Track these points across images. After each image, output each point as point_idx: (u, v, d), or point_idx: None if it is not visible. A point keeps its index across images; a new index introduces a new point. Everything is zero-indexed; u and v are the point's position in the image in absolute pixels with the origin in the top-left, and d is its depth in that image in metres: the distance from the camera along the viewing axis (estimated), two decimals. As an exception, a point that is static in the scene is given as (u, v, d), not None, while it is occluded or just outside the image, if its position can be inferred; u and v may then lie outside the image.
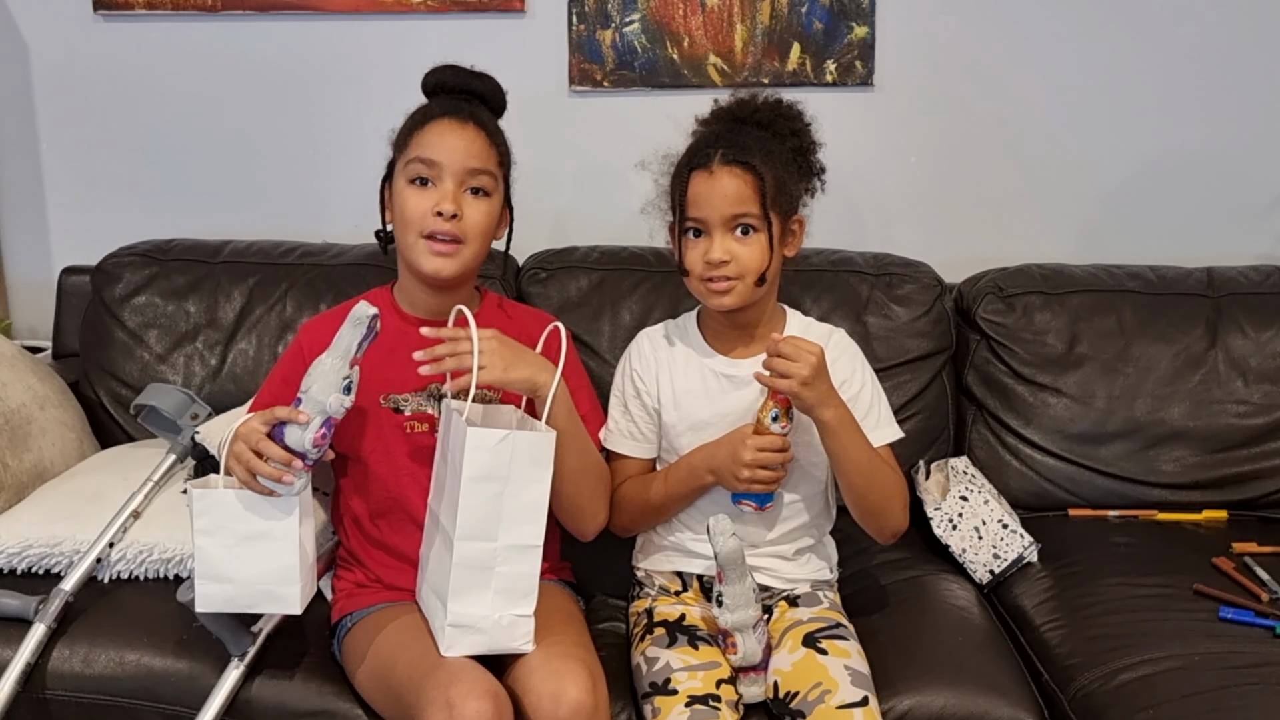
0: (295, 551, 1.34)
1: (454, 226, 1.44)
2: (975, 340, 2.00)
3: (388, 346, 1.48)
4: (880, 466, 1.47)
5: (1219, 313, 1.96)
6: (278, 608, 1.38)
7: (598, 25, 2.16)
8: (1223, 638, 1.51)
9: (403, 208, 1.46)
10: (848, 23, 2.14)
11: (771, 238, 1.44)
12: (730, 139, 1.45)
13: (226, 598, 1.36)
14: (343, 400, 1.31)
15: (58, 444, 1.85)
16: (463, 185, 1.45)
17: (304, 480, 1.34)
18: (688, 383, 1.54)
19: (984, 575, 1.74)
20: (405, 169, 1.47)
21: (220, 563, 1.35)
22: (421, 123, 1.48)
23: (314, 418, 1.30)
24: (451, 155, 1.45)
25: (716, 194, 1.43)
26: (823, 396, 1.39)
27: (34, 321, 2.35)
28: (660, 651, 1.45)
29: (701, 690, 1.38)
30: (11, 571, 1.63)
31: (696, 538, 1.53)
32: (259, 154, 2.27)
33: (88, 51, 2.24)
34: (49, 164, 2.31)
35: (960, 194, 2.22)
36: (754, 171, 1.43)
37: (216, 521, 1.34)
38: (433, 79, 1.54)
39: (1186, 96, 2.16)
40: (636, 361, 1.58)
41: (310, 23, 2.20)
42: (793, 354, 1.37)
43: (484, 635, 1.33)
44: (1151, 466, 1.91)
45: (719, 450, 1.47)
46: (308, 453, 1.31)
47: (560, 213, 2.24)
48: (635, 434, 1.56)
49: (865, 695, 1.36)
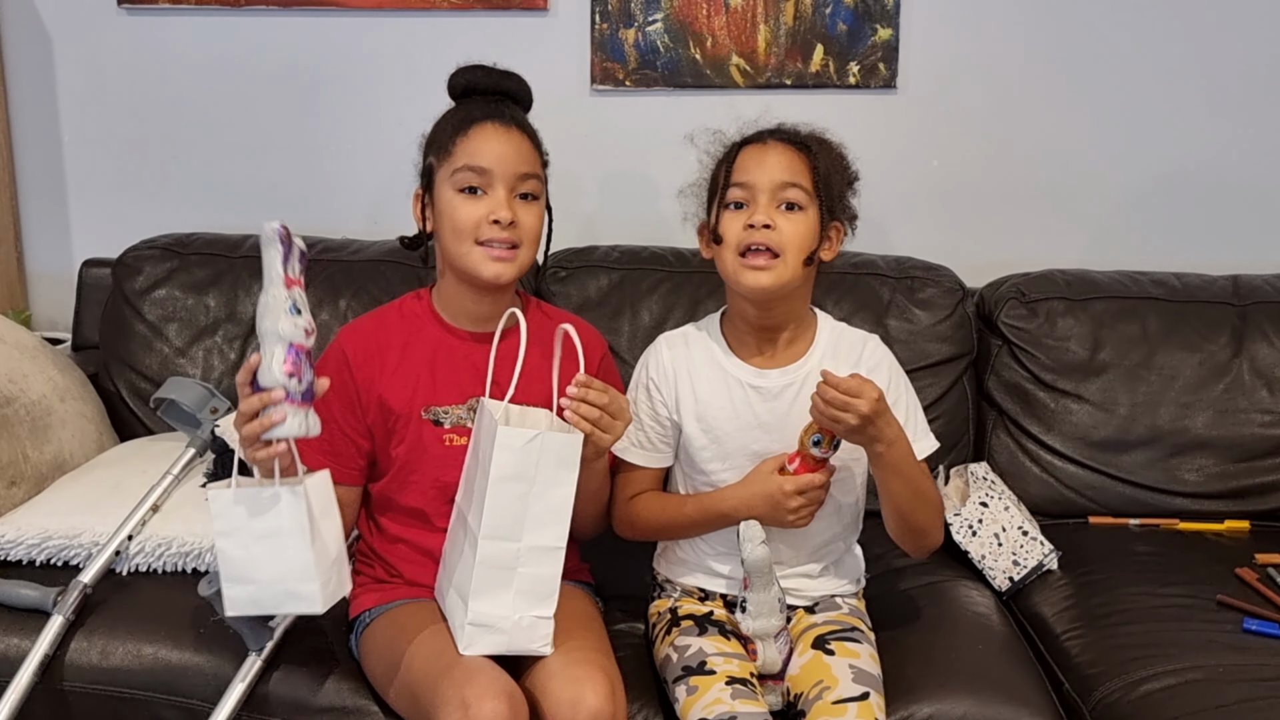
0: (307, 546, 1.30)
1: (511, 233, 1.43)
2: (997, 345, 1.99)
3: (428, 359, 1.48)
4: (927, 488, 1.42)
5: (1244, 321, 1.95)
6: (301, 607, 1.34)
7: (620, 24, 2.16)
8: (1247, 650, 1.49)
9: (454, 217, 1.43)
10: (872, 24, 2.13)
11: (823, 219, 1.41)
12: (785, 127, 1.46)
13: (251, 599, 1.34)
14: (295, 321, 1.24)
15: (77, 436, 1.86)
16: (514, 191, 1.44)
17: (301, 418, 1.25)
18: (710, 394, 1.49)
19: (1004, 582, 1.73)
20: (453, 178, 1.43)
21: (240, 564, 1.32)
22: (463, 128, 1.44)
23: (274, 349, 1.24)
24: (502, 162, 1.43)
25: (769, 160, 1.41)
26: (879, 433, 1.34)
27: (54, 313, 2.36)
28: (692, 639, 1.43)
29: (739, 674, 1.37)
30: (31, 563, 1.63)
31: (720, 554, 1.50)
32: (280, 149, 2.28)
33: (111, 45, 2.25)
34: (71, 157, 2.32)
35: (983, 198, 2.21)
36: (808, 151, 1.42)
37: (232, 523, 1.32)
38: (463, 80, 1.51)
39: (1213, 101, 2.15)
40: (654, 371, 1.53)
41: (333, 19, 2.20)
42: (854, 390, 1.30)
43: (503, 635, 1.32)
44: (1174, 475, 1.90)
45: (754, 498, 1.42)
46: (286, 385, 1.23)
47: (580, 212, 2.23)
48: (646, 444, 1.53)
49: (866, 691, 1.33)
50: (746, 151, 1.44)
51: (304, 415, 1.26)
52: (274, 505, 1.31)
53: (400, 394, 1.47)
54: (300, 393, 1.26)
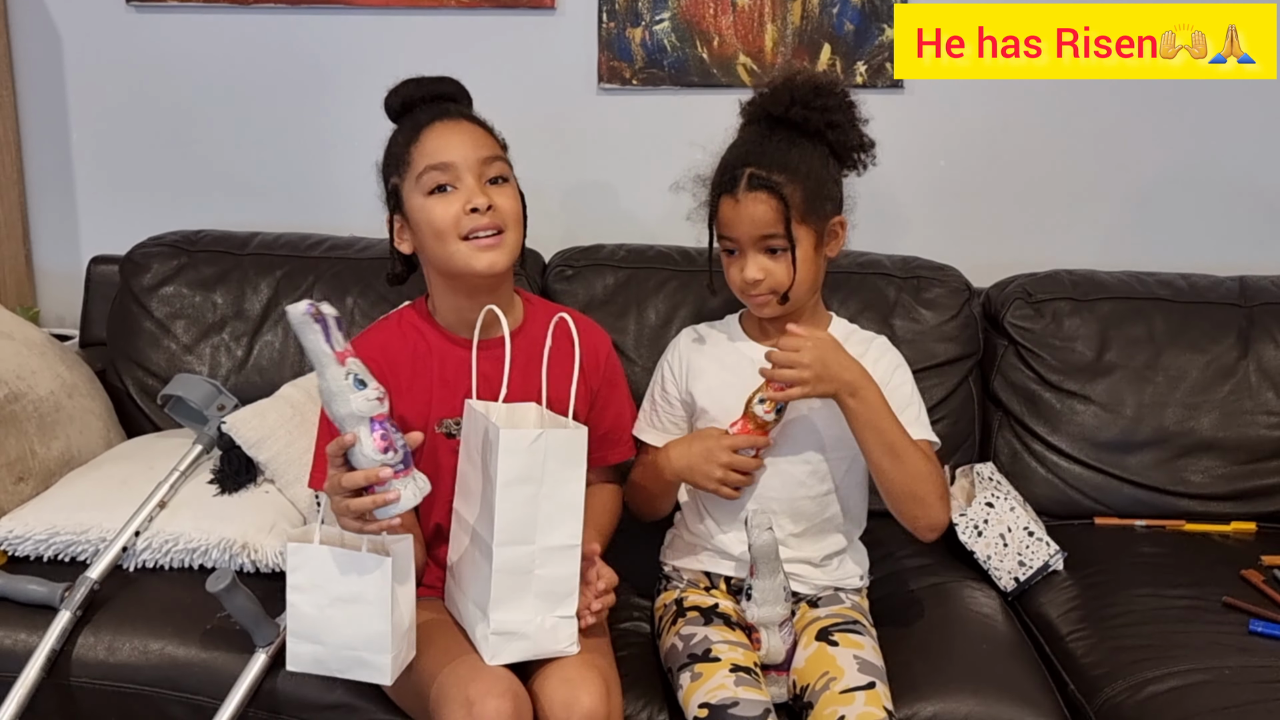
0: (388, 616, 1.25)
1: (491, 218, 1.41)
2: (1003, 345, 1.99)
3: (436, 371, 1.47)
4: (910, 448, 1.42)
5: (1251, 322, 1.94)
6: (367, 676, 1.30)
7: (628, 23, 2.16)
8: (1253, 652, 1.49)
9: (430, 220, 1.41)
10: (879, 24, 2.13)
11: (794, 256, 1.43)
12: (759, 153, 1.44)
13: (315, 659, 1.31)
14: (365, 395, 1.22)
15: (85, 432, 1.86)
16: (483, 177, 1.42)
17: (413, 487, 1.24)
18: (725, 373, 1.53)
19: (1009, 583, 1.73)
20: (419, 184, 1.41)
21: (312, 622, 1.29)
22: (414, 136, 1.43)
23: (357, 430, 1.22)
24: (462, 151, 1.41)
25: (743, 219, 1.44)
26: (831, 385, 1.39)
27: (62, 310, 2.36)
28: (698, 629, 1.45)
29: (744, 662, 1.38)
30: (38, 559, 1.63)
31: (725, 534, 1.52)
32: (288, 146, 2.28)
33: (119, 42, 2.25)
34: (79, 153, 2.32)
35: (989, 198, 2.21)
36: (778, 195, 1.42)
37: (310, 579, 1.28)
38: (398, 98, 1.48)
39: (1220, 101, 2.14)
40: (671, 353, 1.60)
41: (341, 16, 2.20)
42: (788, 349, 1.38)
43: (528, 641, 1.31)
44: (1180, 476, 1.90)
45: (690, 452, 1.46)
46: (385, 460, 1.22)
47: (587, 210, 2.24)
48: (657, 423, 1.58)
49: (872, 680, 1.35)
50: (725, 204, 1.46)
51: (413, 482, 1.25)
52: (359, 570, 1.26)
53: (415, 410, 1.45)
54: (399, 462, 1.24)
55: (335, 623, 1.28)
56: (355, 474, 1.23)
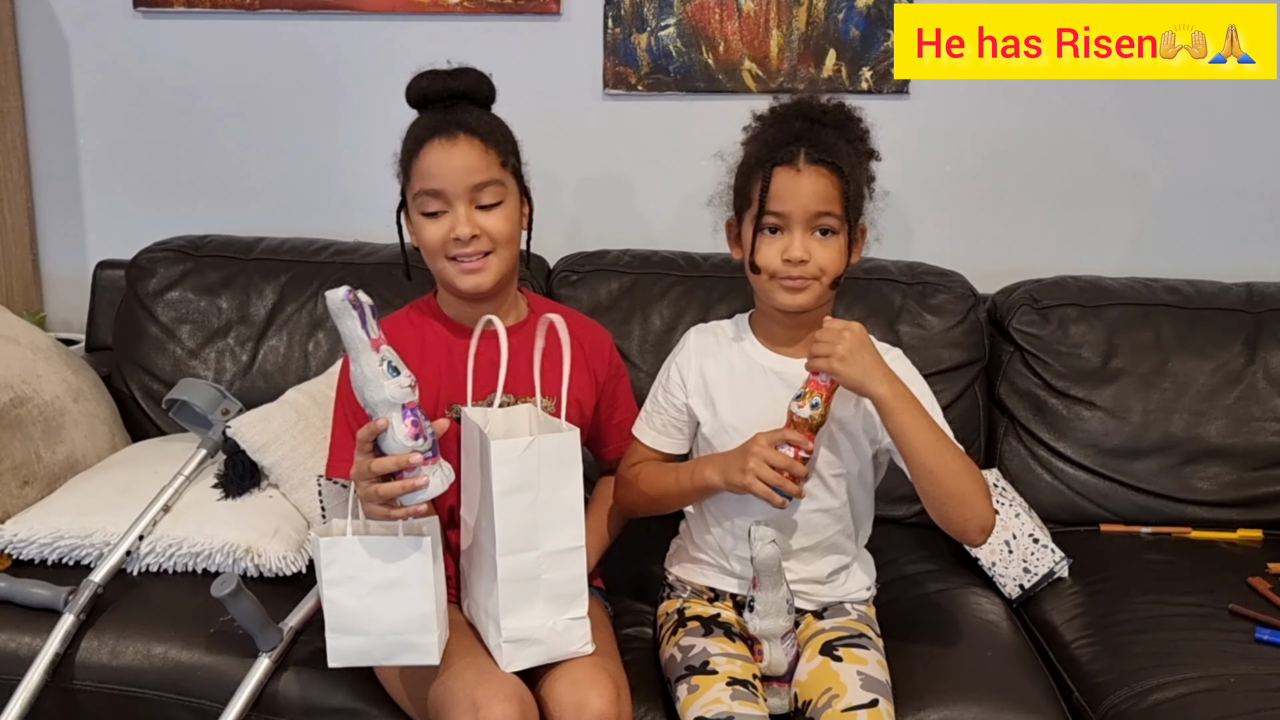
0: (431, 597, 1.28)
1: (477, 245, 1.44)
2: (1009, 351, 1.98)
3: (443, 360, 1.49)
4: (950, 445, 1.39)
5: (1259, 329, 1.93)
6: (415, 659, 1.31)
7: (633, 28, 2.16)
8: (1259, 660, 1.48)
9: (421, 239, 1.47)
10: (884, 30, 2.13)
11: (851, 240, 1.42)
12: (812, 138, 1.42)
13: (359, 650, 1.32)
14: (399, 382, 1.24)
15: (90, 436, 1.87)
16: (472, 203, 1.44)
17: (440, 474, 1.27)
18: (732, 377, 1.50)
19: (1014, 590, 1.72)
20: (415, 202, 1.46)
21: (352, 615, 1.29)
22: (415, 150, 1.45)
23: (390, 416, 1.25)
24: (452, 179, 1.42)
25: (803, 191, 1.40)
26: (869, 371, 1.35)
27: (68, 314, 2.37)
28: (697, 640, 1.44)
29: (741, 675, 1.37)
30: (43, 562, 1.64)
31: (736, 551, 1.50)
32: (294, 152, 2.28)
33: (127, 48, 2.26)
34: (86, 159, 2.33)
35: (995, 204, 2.21)
36: (839, 173, 1.40)
37: (346, 571, 1.29)
38: (415, 91, 1.49)
39: (1227, 107, 2.13)
40: (679, 355, 1.56)
41: (347, 22, 2.21)
42: (827, 335, 1.36)
43: (542, 645, 1.32)
44: (1186, 483, 1.89)
45: (730, 454, 1.42)
46: (415, 447, 1.25)
47: (592, 216, 2.24)
48: (656, 425, 1.55)
49: (875, 698, 1.33)
50: (780, 175, 1.41)
51: (440, 470, 1.28)
52: (397, 555, 1.28)
53: (426, 394, 1.45)
54: (428, 449, 1.26)
55: (377, 610, 1.29)
56: (386, 459, 1.26)
